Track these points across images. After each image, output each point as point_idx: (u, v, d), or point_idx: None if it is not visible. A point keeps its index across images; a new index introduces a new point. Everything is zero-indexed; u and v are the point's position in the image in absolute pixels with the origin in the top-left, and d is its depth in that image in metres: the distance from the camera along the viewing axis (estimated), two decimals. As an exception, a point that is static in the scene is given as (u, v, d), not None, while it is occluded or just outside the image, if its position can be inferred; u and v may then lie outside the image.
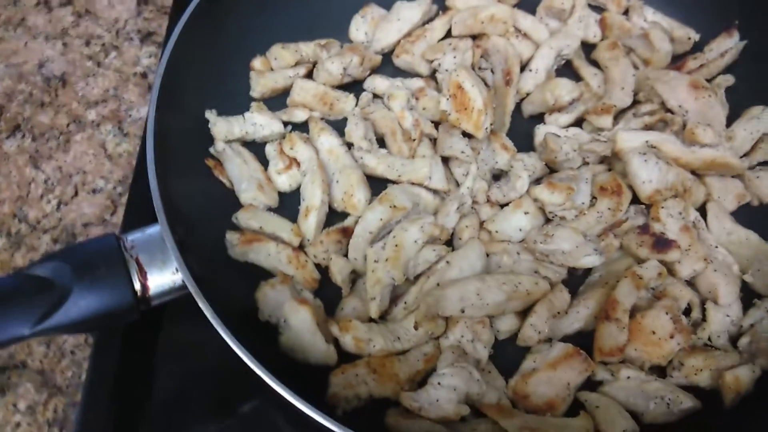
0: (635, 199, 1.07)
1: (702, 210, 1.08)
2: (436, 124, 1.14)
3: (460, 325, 0.93)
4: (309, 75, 1.20)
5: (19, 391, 1.03)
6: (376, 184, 1.08)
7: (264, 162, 1.11)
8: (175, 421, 0.99)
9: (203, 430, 0.98)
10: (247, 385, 0.97)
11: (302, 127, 1.16)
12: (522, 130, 1.17)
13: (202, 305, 0.78)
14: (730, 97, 1.17)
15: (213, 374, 0.99)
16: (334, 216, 1.07)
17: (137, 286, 0.81)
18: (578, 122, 1.17)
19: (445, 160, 1.10)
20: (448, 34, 1.24)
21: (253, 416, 0.98)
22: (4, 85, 1.37)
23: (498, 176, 1.12)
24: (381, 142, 1.14)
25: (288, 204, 1.08)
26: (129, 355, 1.04)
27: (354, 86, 1.21)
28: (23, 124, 1.32)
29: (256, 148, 1.13)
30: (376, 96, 1.19)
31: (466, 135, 1.10)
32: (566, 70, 1.24)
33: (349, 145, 1.12)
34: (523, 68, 1.20)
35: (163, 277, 0.83)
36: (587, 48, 1.26)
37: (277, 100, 1.18)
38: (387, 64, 1.24)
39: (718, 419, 0.90)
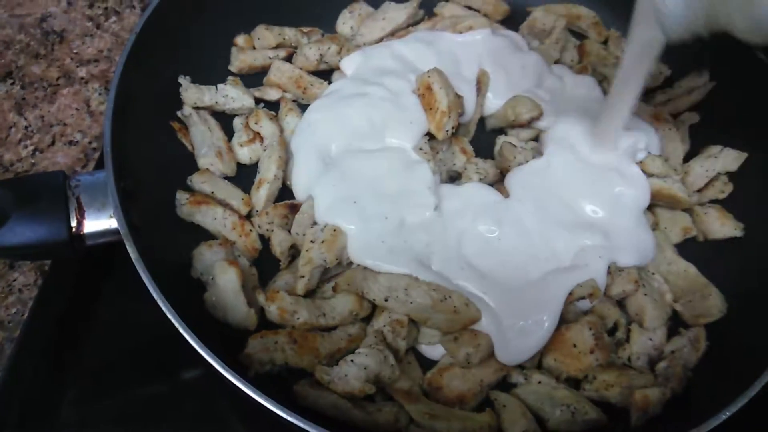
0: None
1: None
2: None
3: (384, 315, 0.95)
4: (289, 59, 1.23)
5: (-39, 319, 1.06)
6: (334, 170, 1.10)
7: (230, 134, 1.15)
8: (108, 377, 1.01)
9: (134, 392, 1.00)
10: (187, 356, 0.99)
11: (274, 107, 1.19)
12: (488, 141, 1.20)
13: (129, 248, 0.81)
14: (694, 134, 1.19)
15: (155, 341, 0.96)
16: (287, 195, 1.09)
17: (73, 222, 0.84)
18: (543, 139, 1.20)
19: (405, 156, 1.13)
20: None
21: (187, 386, 1.00)
22: (4, 33, 1.42)
23: (455, 178, 1.15)
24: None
25: (245, 177, 1.11)
26: (74, 303, 1.07)
27: (331, 75, 1.24)
28: (15, 71, 1.37)
29: (225, 120, 1.17)
30: (349, 88, 1.22)
31: (428, 135, 1.13)
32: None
33: (314, 129, 1.15)
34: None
35: (100, 219, 0.86)
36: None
37: (254, 78, 1.22)
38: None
39: (621, 437, 0.91)
